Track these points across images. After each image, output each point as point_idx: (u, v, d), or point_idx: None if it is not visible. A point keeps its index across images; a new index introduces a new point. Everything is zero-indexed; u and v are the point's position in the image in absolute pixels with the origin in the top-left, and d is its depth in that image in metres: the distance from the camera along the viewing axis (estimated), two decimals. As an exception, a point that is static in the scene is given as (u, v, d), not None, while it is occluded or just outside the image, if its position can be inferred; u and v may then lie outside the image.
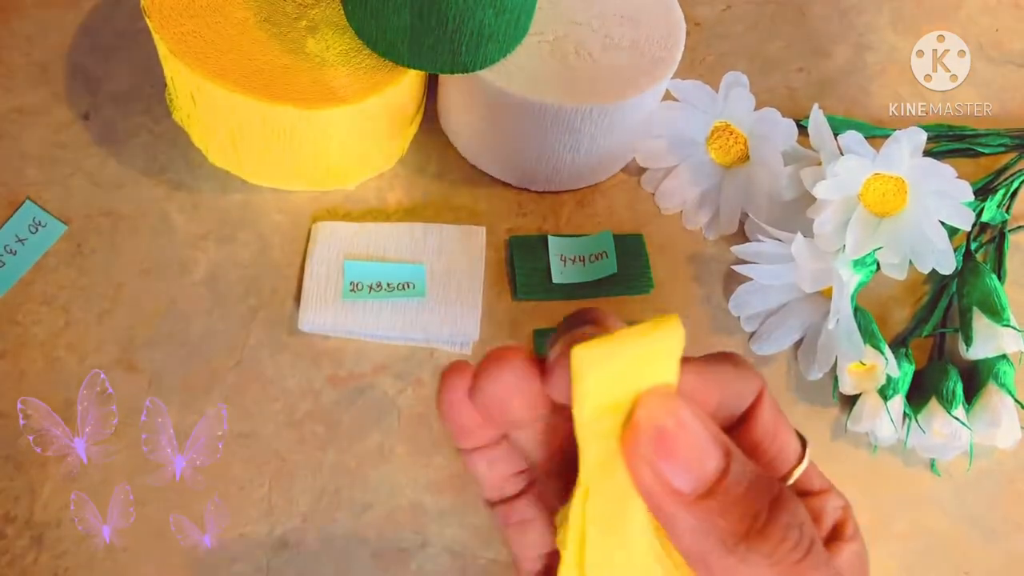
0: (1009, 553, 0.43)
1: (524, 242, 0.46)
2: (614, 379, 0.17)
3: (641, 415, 0.17)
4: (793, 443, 0.21)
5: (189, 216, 0.45)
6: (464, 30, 0.38)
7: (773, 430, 0.21)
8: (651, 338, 0.17)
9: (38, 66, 0.48)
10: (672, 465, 0.17)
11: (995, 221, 0.49)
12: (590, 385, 0.17)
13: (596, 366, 0.17)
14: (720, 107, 0.45)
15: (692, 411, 0.18)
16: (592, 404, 0.17)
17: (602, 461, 0.18)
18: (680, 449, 0.17)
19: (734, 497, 0.17)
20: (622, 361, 0.17)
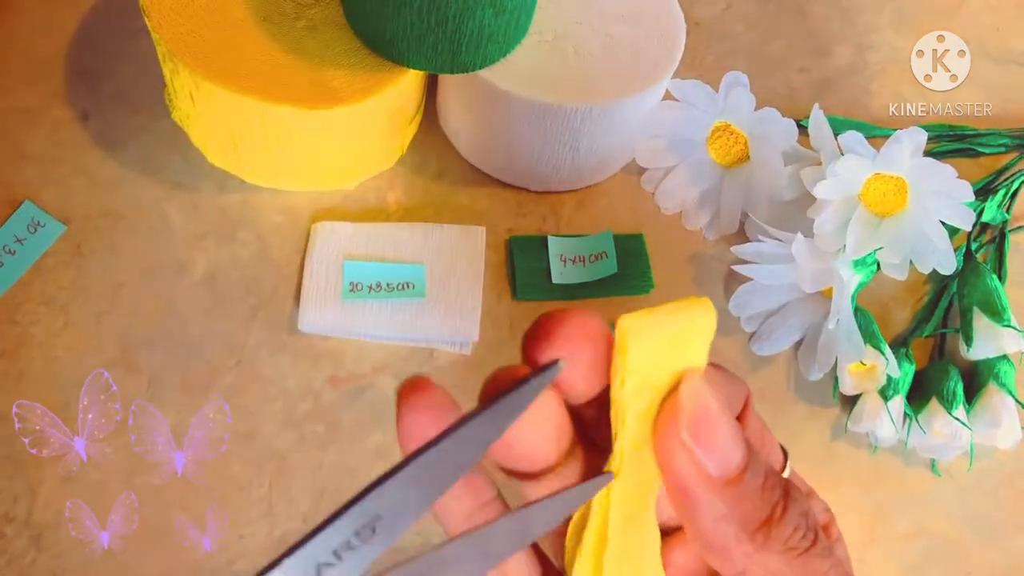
0: (1010, 553, 0.43)
1: (524, 242, 0.46)
2: (654, 354, 0.17)
3: (685, 396, 0.18)
4: (777, 451, 0.22)
5: (188, 216, 0.45)
6: (464, 30, 0.38)
7: (760, 437, 0.21)
8: (688, 316, 0.17)
9: (38, 66, 0.48)
10: (707, 449, 0.18)
11: (996, 221, 0.49)
12: (633, 357, 0.17)
13: (642, 337, 0.17)
14: (720, 107, 0.45)
15: (721, 400, 0.18)
16: (635, 378, 0.17)
17: (636, 439, 0.18)
18: (714, 436, 0.18)
19: (755, 488, 0.18)
20: (663, 335, 0.17)
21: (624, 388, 0.17)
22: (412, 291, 0.43)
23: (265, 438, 0.40)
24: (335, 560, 0.16)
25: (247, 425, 0.41)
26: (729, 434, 0.18)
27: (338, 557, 0.16)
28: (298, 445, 0.40)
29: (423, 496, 0.17)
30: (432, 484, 0.17)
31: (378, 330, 0.42)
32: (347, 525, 0.16)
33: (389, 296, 0.43)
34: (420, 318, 0.43)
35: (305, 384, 0.42)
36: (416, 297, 0.43)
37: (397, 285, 0.43)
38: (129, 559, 0.38)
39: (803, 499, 0.19)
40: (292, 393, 0.41)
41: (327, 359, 0.42)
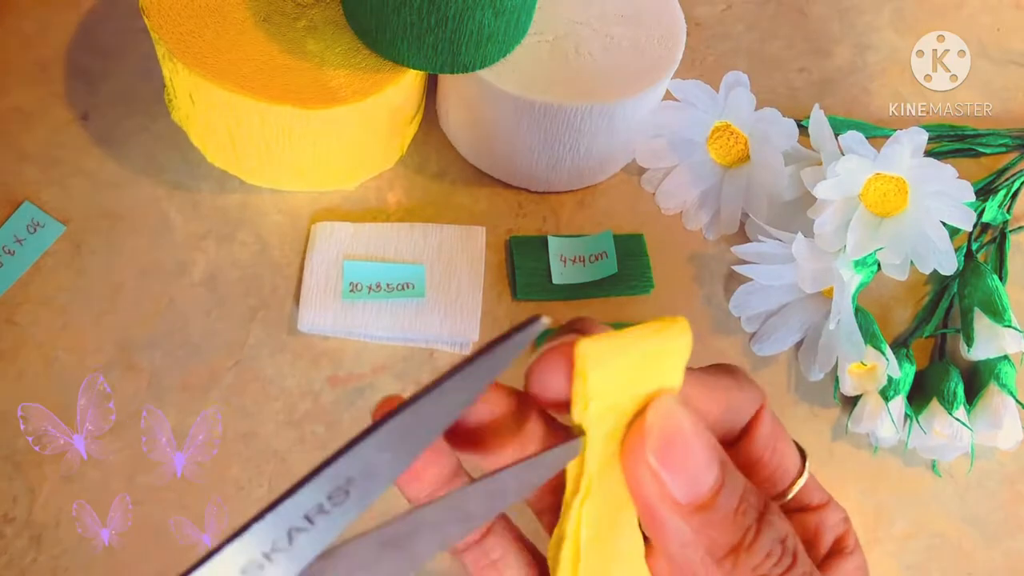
0: (1011, 554, 0.43)
1: (524, 242, 0.46)
2: (618, 378, 0.17)
3: (651, 419, 0.17)
4: (793, 456, 0.21)
5: (188, 216, 0.45)
6: (464, 30, 0.38)
7: (772, 444, 0.21)
8: (659, 339, 0.17)
9: (37, 66, 0.48)
10: (674, 474, 0.17)
11: (996, 221, 0.49)
12: (594, 382, 0.16)
13: (602, 362, 0.16)
14: (721, 107, 0.45)
15: (695, 421, 0.17)
16: (598, 403, 0.17)
17: (603, 464, 0.17)
18: (683, 459, 0.17)
19: (727, 511, 0.17)
20: (628, 360, 0.16)
21: (587, 412, 0.17)
22: (412, 291, 0.43)
23: (265, 438, 0.40)
24: (307, 525, 0.16)
25: (247, 425, 0.41)
26: (700, 458, 0.17)
27: (310, 521, 0.16)
28: (298, 445, 0.40)
29: (398, 459, 0.16)
30: (407, 446, 0.16)
31: (378, 330, 0.42)
32: (319, 488, 0.15)
33: (389, 296, 0.43)
34: (420, 318, 0.43)
35: (305, 384, 0.42)
36: (416, 297, 0.43)
37: (397, 285, 0.43)
38: (129, 559, 0.38)
39: (782, 523, 0.18)
40: (292, 393, 0.41)
41: (327, 359, 0.42)
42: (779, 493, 0.21)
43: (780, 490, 0.21)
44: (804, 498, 0.21)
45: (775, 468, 0.21)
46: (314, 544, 0.16)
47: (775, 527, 0.18)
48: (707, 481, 0.17)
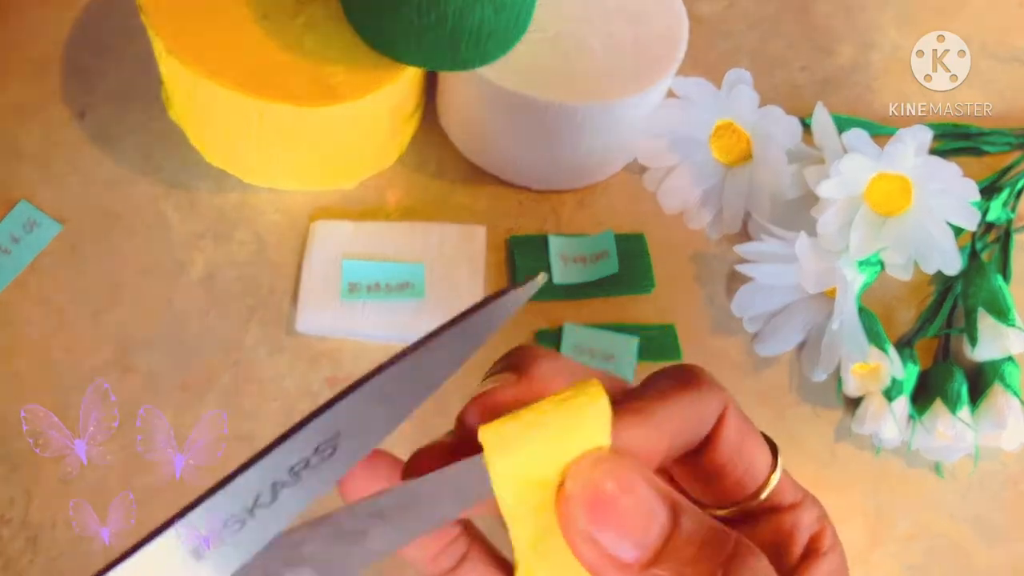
0: (1013, 555, 0.42)
1: (524, 242, 0.45)
2: (532, 456, 0.16)
3: (570, 486, 0.16)
4: (762, 455, 0.20)
5: (186, 215, 0.44)
6: (464, 27, 0.38)
7: (739, 447, 0.20)
8: (568, 409, 0.16)
9: (34, 63, 0.47)
10: (612, 534, 0.16)
11: (1000, 220, 0.48)
12: (504, 468, 0.16)
13: (507, 448, 0.16)
14: (723, 105, 0.45)
15: (631, 469, 0.16)
16: (511, 486, 0.16)
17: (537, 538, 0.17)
18: (619, 515, 0.16)
19: (685, 558, 0.16)
20: (537, 438, 0.16)
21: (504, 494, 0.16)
22: (411, 291, 0.43)
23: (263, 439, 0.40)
24: (292, 479, 0.15)
25: (245, 426, 0.40)
26: (639, 506, 0.16)
27: (296, 476, 0.15)
28: (296, 446, 0.40)
29: (389, 414, 0.15)
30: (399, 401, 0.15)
31: (377, 330, 0.42)
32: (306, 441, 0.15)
33: (388, 296, 0.42)
34: (419, 318, 0.42)
35: (303, 384, 0.41)
36: (415, 297, 0.43)
37: (396, 285, 0.43)
38: (126, 562, 0.37)
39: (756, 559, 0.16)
40: (290, 393, 0.41)
41: (325, 359, 0.42)
42: (750, 495, 0.20)
43: (750, 493, 0.20)
44: (777, 498, 0.20)
45: (744, 471, 0.20)
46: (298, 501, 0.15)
47: (748, 569, 0.16)
48: (653, 530, 0.16)
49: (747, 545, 0.16)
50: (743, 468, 0.20)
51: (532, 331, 0.44)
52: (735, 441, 0.20)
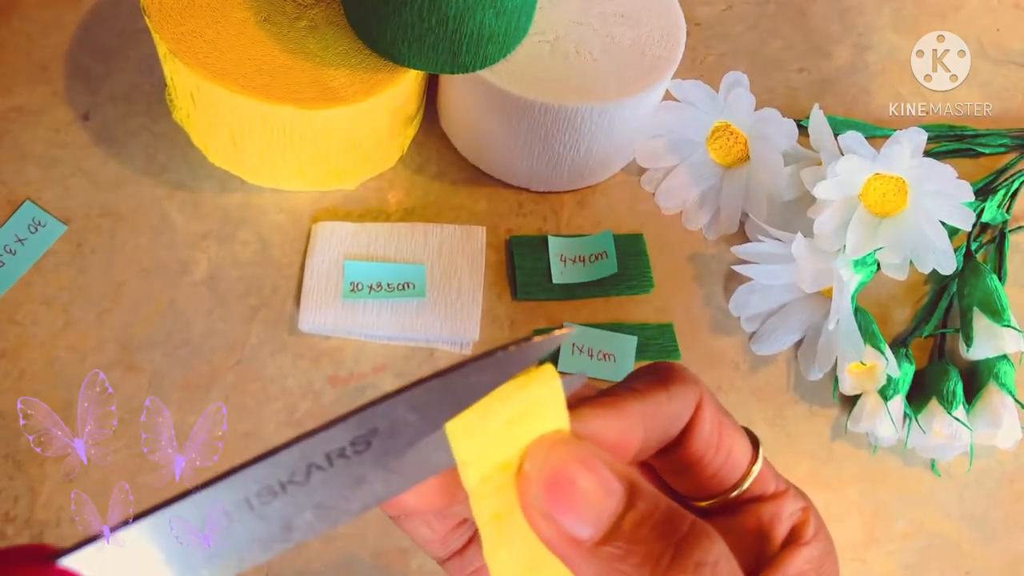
0: (1009, 553, 0.43)
1: (524, 242, 0.46)
2: (493, 441, 0.17)
3: (527, 466, 0.17)
4: (742, 448, 0.21)
5: (189, 216, 0.45)
6: (464, 30, 0.38)
7: (716, 440, 0.20)
8: (523, 394, 0.17)
9: (38, 66, 0.48)
10: (566, 512, 0.17)
11: (995, 221, 0.49)
12: (468, 454, 0.17)
13: (467, 433, 0.17)
14: (720, 107, 0.45)
15: (587, 453, 0.17)
16: (477, 470, 0.17)
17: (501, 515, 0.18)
18: (572, 496, 0.17)
19: (638, 538, 0.17)
20: (495, 423, 0.17)
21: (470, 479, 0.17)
22: (412, 291, 0.43)
23: (265, 437, 0.41)
24: (327, 465, 0.16)
25: (247, 424, 0.41)
26: (593, 487, 0.17)
27: (330, 462, 0.16)
28: (299, 445, 0.40)
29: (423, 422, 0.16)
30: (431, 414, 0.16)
31: (378, 330, 0.42)
32: (346, 432, 0.16)
33: (389, 296, 0.43)
34: (420, 318, 0.43)
35: (305, 384, 0.42)
36: (416, 297, 0.43)
37: (397, 285, 0.43)
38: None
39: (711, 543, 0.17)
40: (292, 393, 0.41)
41: (327, 359, 0.42)
42: (730, 487, 0.21)
43: (730, 484, 0.21)
44: (758, 488, 0.21)
45: (721, 464, 0.20)
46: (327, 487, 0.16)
47: (701, 550, 0.16)
48: (606, 510, 0.17)
49: (702, 528, 0.17)
50: (721, 460, 0.21)
51: (531, 331, 0.44)
52: (711, 433, 0.20)
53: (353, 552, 0.39)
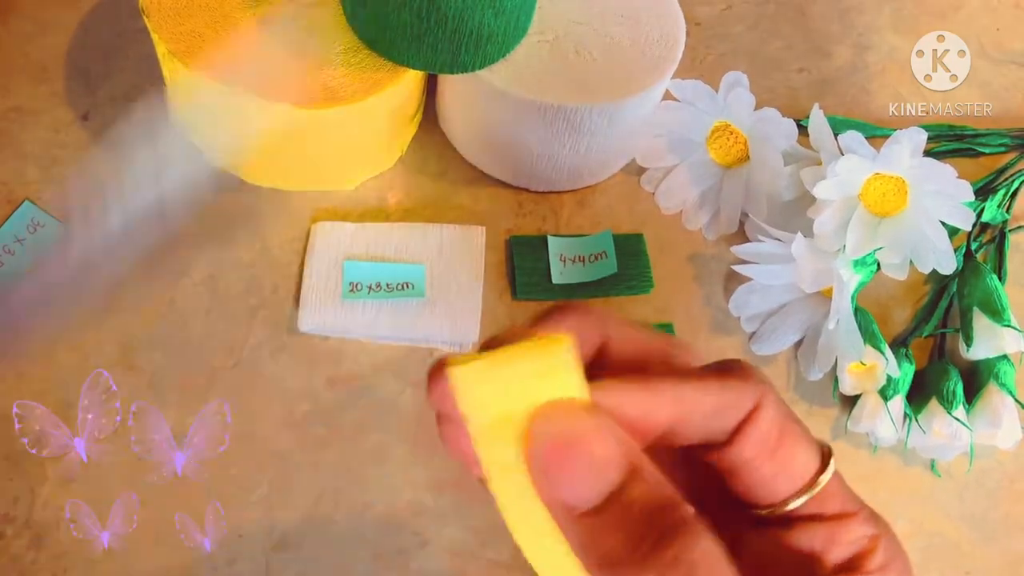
0: (1009, 553, 0.43)
1: (524, 242, 0.46)
2: (498, 395, 0.17)
3: (535, 425, 0.17)
4: (805, 460, 0.20)
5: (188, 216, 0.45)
6: (464, 30, 0.38)
7: (773, 446, 0.19)
8: (534, 356, 0.17)
9: (37, 66, 0.48)
10: (563, 478, 0.17)
11: (995, 221, 0.49)
12: (471, 402, 0.17)
13: (473, 383, 0.17)
14: (720, 107, 0.45)
15: (596, 424, 0.17)
16: (480, 419, 0.17)
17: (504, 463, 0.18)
18: (572, 463, 0.17)
19: (626, 517, 0.17)
20: (502, 378, 0.17)
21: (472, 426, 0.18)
22: (412, 291, 0.43)
23: (265, 438, 0.40)
24: None
25: (247, 425, 0.41)
26: (593, 459, 0.17)
27: None
28: (298, 445, 0.40)
29: None
30: None
31: (378, 330, 0.42)
32: None
33: (389, 296, 0.43)
34: (420, 318, 0.43)
35: (305, 384, 0.42)
36: (416, 297, 0.43)
37: (397, 285, 0.43)
38: (129, 559, 0.38)
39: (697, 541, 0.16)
40: (292, 393, 0.41)
41: (327, 359, 0.42)
42: (784, 499, 0.20)
43: (785, 495, 0.20)
44: (817, 506, 0.20)
45: (776, 472, 0.20)
46: None
47: (681, 546, 0.16)
48: (600, 483, 0.17)
49: (692, 525, 0.17)
50: (775, 468, 0.20)
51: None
52: (767, 437, 0.19)
53: (352, 553, 0.39)
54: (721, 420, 0.20)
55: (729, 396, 0.19)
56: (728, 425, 0.20)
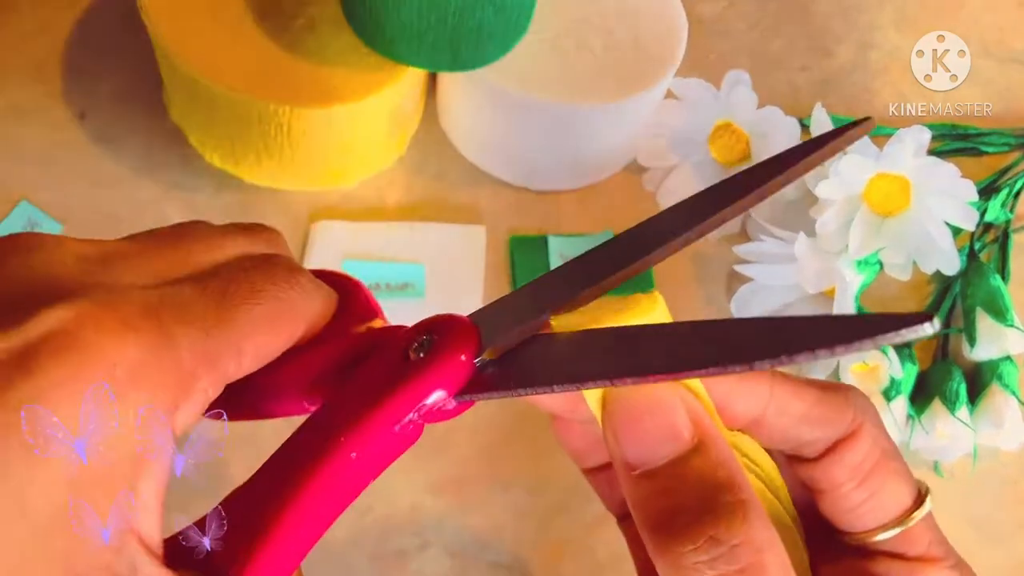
0: (1013, 555, 0.42)
1: (524, 242, 0.46)
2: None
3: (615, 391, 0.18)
4: (896, 495, 0.20)
5: (186, 216, 0.44)
6: (464, 28, 0.38)
7: (865, 475, 0.19)
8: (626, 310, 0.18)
9: (34, 64, 0.47)
10: (628, 439, 0.18)
11: (999, 221, 0.49)
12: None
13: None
14: (722, 105, 0.45)
15: (670, 395, 0.18)
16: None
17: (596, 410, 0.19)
18: (638, 427, 0.18)
19: (678, 488, 0.17)
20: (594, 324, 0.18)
21: None
22: (412, 291, 0.43)
23: (264, 439, 0.40)
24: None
25: (246, 426, 0.40)
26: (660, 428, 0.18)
27: None
28: (297, 446, 0.40)
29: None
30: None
31: (377, 330, 0.42)
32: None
33: (388, 296, 0.43)
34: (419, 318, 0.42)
35: (304, 385, 0.41)
36: (416, 297, 0.43)
37: (397, 285, 0.43)
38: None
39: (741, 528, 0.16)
40: (291, 394, 0.41)
41: (326, 360, 0.42)
42: (867, 530, 0.20)
43: (871, 527, 0.20)
44: (901, 544, 0.20)
45: (862, 502, 0.20)
46: None
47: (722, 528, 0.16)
48: (660, 452, 0.18)
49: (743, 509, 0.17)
50: (862, 497, 0.20)
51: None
52: (861, 465, 0.19)
53: (352, 554, 0.39)
54: (812, 432, 0.20)
55: (824, 410, 0.19)
56: (820, 440, 0.20)
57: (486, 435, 0.41)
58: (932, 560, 0.20)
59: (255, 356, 0.18)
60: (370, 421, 0.18)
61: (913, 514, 0.20)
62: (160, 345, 0.16)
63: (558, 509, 0.40)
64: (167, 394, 0.16)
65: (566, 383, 0.17)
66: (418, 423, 0.18)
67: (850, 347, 0.13)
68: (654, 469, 0.17)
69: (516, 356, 0.18)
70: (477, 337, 0.19)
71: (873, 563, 0.20)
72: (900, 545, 0.20)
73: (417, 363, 0.19)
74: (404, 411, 0.18)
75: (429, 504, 0.40)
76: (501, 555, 0.39)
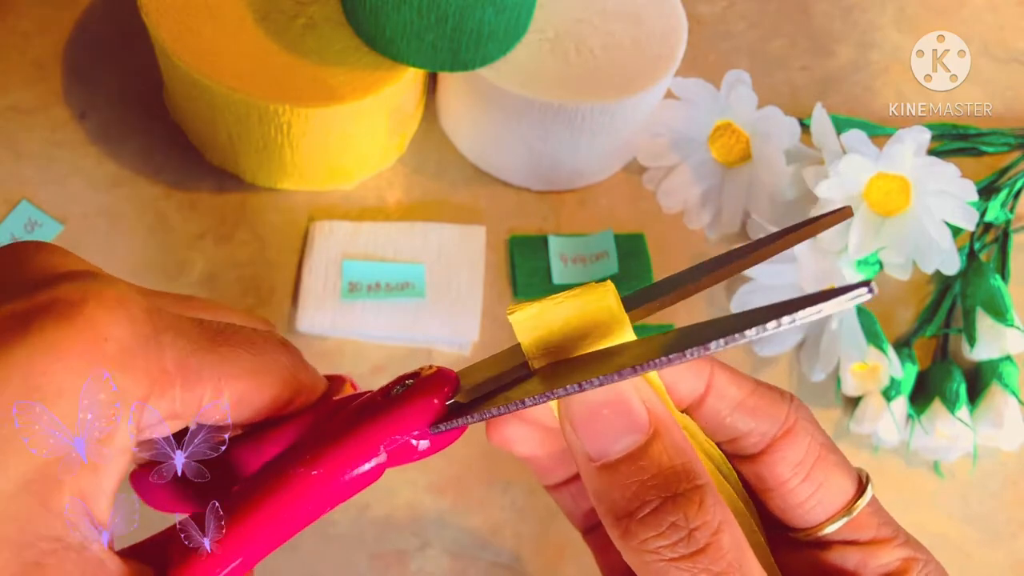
0: (1013, 555, 0.42)
1: (524, 242, 0.46)
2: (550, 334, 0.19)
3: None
4: (839, 486, 0.20)
5: (186, 216, 0.44)
6: (464, 28, 0.38)
7: (808, 471, 0.20)
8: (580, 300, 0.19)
9: (34, 64, 0.47)
10: (587, 432, 0.18)
11: (999, 221, 0.49)
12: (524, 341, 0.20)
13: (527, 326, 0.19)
14: (722, 105, 0.45)
15: (627, 389, 0.18)
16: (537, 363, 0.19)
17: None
18: (596, 421, 0.18)
19: (637, 477, 0.18)
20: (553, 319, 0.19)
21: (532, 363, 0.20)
22: (411, 291, 0.43)
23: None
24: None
25: (245, 426, 0.40)
26: (618, 421, 0.18)
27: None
28: (297, 446, 0.40)
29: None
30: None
31: (377, 330, 0.42)
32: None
33: (388, 296, 0.43)
34: (419, 318, 0.42)
35: (304, 385, 0.41)
36: (415, 297, 0.43)
37: (396, 285, 0.43)
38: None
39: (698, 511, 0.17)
40: (291, 394, 0.41)
41: (326, 359, 0.42)
42: (817, 524, 0.20)
43: (819, 520, 0.20)
44: (851, 531, 0.20)
45: (808, 496, 0.20)
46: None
47: (680, 513, 0.17)
48: (618, 445, 0.18)
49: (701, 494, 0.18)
50: (808, 491, 0.20)
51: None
52: (799, 462, 0.20)
53: (352, 554, 0.39)
54: (747, 422, 0.20)
55: (758, 400, 0.20)
56: (755, 433, 0.20)
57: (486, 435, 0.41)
58: (884, 541, 0.21)
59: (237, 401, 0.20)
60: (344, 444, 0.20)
61: (857, 502, 0.21)
62: (150, 339, 0.17)
63: (558, 509, 0.40)
64: (142, 384, 0.18)
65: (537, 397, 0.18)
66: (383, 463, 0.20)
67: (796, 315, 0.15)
68: (614, 461, 0.18)
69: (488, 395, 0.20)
70: (454, 380, 0.21)
71: (829, 553, 0.21)
72: (851, 532, 0.21)
73: (394, 398, 0.20)
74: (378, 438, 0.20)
75: (429, 504, 0.40)
76: (501, 555, 0.39)
